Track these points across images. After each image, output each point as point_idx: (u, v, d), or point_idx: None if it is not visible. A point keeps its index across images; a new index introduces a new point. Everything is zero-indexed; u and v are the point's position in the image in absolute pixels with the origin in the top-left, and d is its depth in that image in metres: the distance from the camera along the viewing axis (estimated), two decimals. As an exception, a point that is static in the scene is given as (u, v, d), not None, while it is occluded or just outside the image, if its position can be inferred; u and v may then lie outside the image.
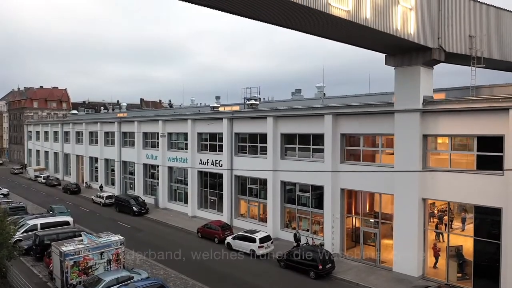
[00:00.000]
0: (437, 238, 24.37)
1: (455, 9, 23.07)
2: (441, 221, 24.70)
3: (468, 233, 22.40)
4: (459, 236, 23.02)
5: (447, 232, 23.51)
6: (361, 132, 26.73)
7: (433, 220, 24.52)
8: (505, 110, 20.02)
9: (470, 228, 22.52)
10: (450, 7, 22.70)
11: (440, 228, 24.62)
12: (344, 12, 16.54)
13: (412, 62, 23.08)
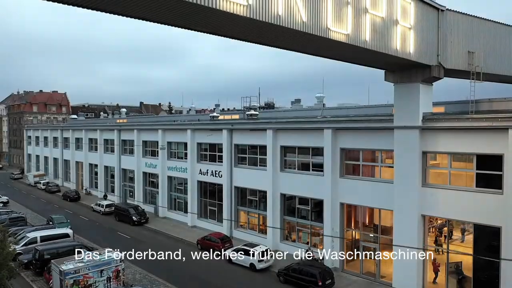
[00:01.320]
0: (436, 250, 24.38)
1: (454, 25, 23.09)
2: (440, 233, 24.73)
3: (468, 250, 22.43)
4: (460, 254, 23.00)
5: (446, 250, 23.48)
6: (360, 147, 26.76)
7: (433, 230, 24.55)
8: (504, 129, 20.05)
9: (469, 243, 22.57)
10: (449, 23, 22.73)
11: (440, 240, 24.63)
12: (344, 35, 16.58)
13: (412, 79, 23.10)
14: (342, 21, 16.43)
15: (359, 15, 17.23)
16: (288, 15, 14.22)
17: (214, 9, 12.24)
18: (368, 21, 17.65)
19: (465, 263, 22.82)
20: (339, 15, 16.29)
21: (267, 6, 13.54)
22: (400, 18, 19.64)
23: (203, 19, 13.50)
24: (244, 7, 12.88)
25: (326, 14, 15.65)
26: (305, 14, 14.75)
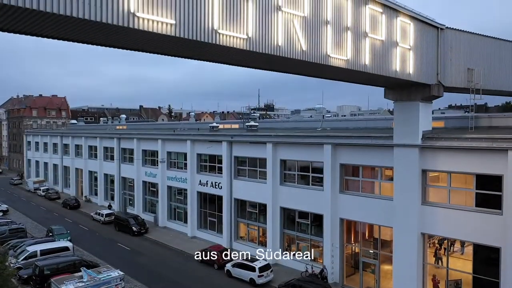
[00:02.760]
0: (436, 263, 24.34)
1: (453, 43, 23.13)
2: (440, 245, 24.69)
3: (467, 269, 22.44)
4: (458, 272, 23.00)
5: (446, 267, 23.49)
6: (360, 163, 26.79)
7: (432, 242, 24.54)
8: (504, 150, 20.08)
9: (469, 255, 22.60)
10: (448, 41, 22.77)
11: (439, 253, 24.59)
12: (343, 61, 16.62)
13: (411, 98, 23.12)
14: (342, 47, 16.48)
15: (359, 39, 17.28)
16: (288, 45, 14.27)
17: (215, 44, 12.30)
18: (367, 45, 17.70)
19: (465, 280, 22.83)
20: (339, 41, 16.34)
21: (267, 37, 13.59)
22: (400, 39, 19.69)
23: (204, 52, 13.55)
24: (244, 40, 12.93)
25: (326, 41, 15.70)
26: (305, 43, 14.80)
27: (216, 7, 12.04)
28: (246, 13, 12.89)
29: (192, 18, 11.51)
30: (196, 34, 11.62)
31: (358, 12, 17.19)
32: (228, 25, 12.41)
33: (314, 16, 15.17)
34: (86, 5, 9.42)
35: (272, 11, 13.71)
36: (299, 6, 14.57)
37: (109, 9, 9.81)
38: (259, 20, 13.29)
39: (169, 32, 11.07)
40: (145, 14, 10.47)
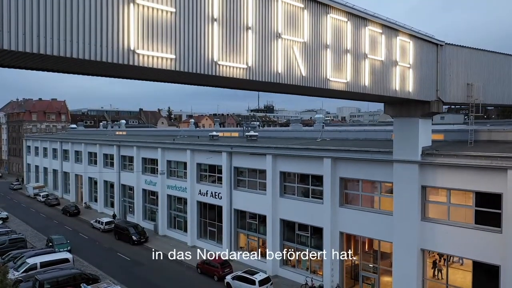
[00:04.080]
0: (434, 274, 24.34)
1: (453, 58, 23.17)
2: (440, 256, 24.61)
3: (466, 286, 22.47)
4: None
5: (446, 284, 23.53)
6: (360, 177, 26.82)
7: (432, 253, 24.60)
8: (503, 169, 20.12)
9: (469, 266, 22.59)
10: (448, 57, 22.82)
11: (439, 265, 24.56)
12: (343, 84, 16.66)
13: (411, 114, 23.15)
14: (341, 70, 16.51)
15: (358, 61, 17.32)
16: (288, 72, 14.30)
17: (215, 76, 12.33)
18: (367, 66, 17.74)
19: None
20: (338, 64, 16.37)
21: (267, 66, 13.62)
22: (399, 58, 19.74)
23: (204, 81, 13.59)
24: (244, 69, 12.96)
25: (325, 65, 15.74)
26: (305, 68, 14.83)
27: (216, 39, 12.07)
28: (246, 42, 12.92)
29: (192, 52, 11.54)
30: (196, 67, 11.66)
31: (358, 34, 17.23)
32: (228, 56, 12.44)
33: (314, 41, 15.20)
34: (87, 46, 9.45)
35: (272, 39, 13.74)
36: (298, 32, 14.60)
37: (109, 48, 9.83)
38: (259, 49, 13.33)
39: (169, 67, 11.10)
40: (145, 50, 10.50)
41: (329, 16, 15.71)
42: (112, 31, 9.83)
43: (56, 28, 8.94)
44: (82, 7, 9.29)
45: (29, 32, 8.60)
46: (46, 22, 8.79)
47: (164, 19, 10.89)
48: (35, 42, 8.68)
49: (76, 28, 9.23)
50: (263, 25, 13.41)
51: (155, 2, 10.62)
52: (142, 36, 10.42)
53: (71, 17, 9.13)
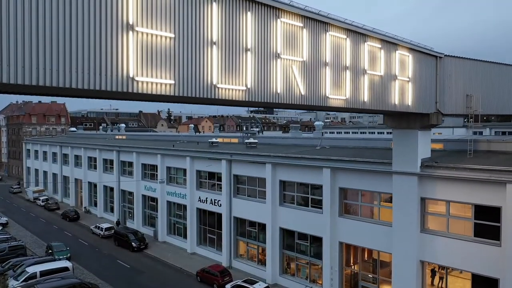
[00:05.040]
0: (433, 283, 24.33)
1: (452, 70, 23.21)
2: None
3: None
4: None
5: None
6: (359, 187, 26.83)
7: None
8: (502, 183, 20.14)
9: (468, 274, 22.41)
10: (447, 69, 22.86)
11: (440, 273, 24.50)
12: (342, 101, 16.69)
13: (410, 126, 23.18)
14: (341, 87, 16.54)
15: (358, 77, 17.36)
16: (287, 91, 14.34)
17: (216, 99, 12.35)
18: (366, 82, 17.78)
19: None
20: (338, 81, 16.40)
21: (266, 86, 13.66)
22: (399, 72, 19.78)
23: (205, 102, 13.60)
24: (243, 91, 12.99)
25: (325, 83, 15.77)
26: (304, 87, 14.86)
27: (215, 62, 12.10)
28: (245, 64, 12.95)
29: (191, 76, 11.57)
30: (195, 91, 11.68)
31: (357, 50, 17.26)
32: (227, 79, 12.47)
33: (313, 60, 15.23)
34: (85, 75, 9.47)
35: (271, 59, 13.77)
36: (298, 52, 14.63)
37: (108, 77, 9.86)
38: (258, 70, 13.36)
39: (168, 92, 11.12)
40: (144, 77, 10.52)
41: (328, 34, 15.74)
42: (111, 59, 9.85)
43: (55, 59, 8.97)
44: (81, 37, 9.31)
45: (28, 64, 8.63)
46: (45, 53, 8.82)
47: (163, 45, 10.91)
48: (34, 74, 8.71)
49: (75, 58, 9.26)
50: (263, 46, 13.44)
51: (154, 28, 10.65)
52: (141, 63, 10.45)
53: (70, 47, 9.15)
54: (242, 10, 12.72)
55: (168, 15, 10.88)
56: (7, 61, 8.32)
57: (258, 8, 13.16)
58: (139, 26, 10.32)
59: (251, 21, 12.99)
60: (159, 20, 10.72)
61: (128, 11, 10.06)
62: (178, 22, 11.15)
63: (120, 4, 9.89)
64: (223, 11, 12.17)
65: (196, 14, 11.54)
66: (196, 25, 11.58)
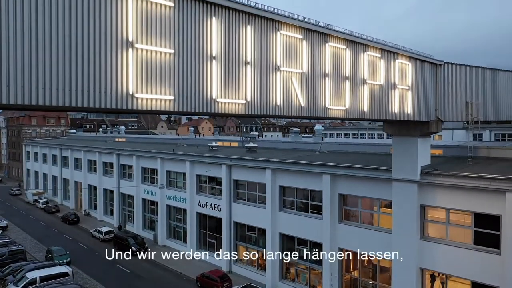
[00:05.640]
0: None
1: (452, 77, 23.25)
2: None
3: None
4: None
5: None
6: (359, 194, 26.83)
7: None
8: (502, 191, 20.14)
9: (468, 282, 22.38)
10: (447, 76, 22.89)
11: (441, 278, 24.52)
12: (342, 111, 16.69)
13: (410, 133, 23.17)
14: (340, 97, 16.55)
15: (357, 87, 17.37)
16: (287, 103, 14.35)
17: (215, 113, 12.35)
18: (366, 91, 17.79)
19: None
20: (337, 92, 16.41)
21: (266, 99, 13.66)
22: (398, 81, 19.80)
23: (206, 115, 13.60)
24: (243, 105, 12.98)
25: (324, 94, 15.78)
26: (303, 99, 14.87)
27: (214, 77, 12.10)
28: (245, 77, 12.95)
29: (191, 91, 11.57)
30: (195, 106, 11.68)
31: (357, 60, 17.27)
32: (226, 93, 12.47)
33: (313, 71, 15.24)
34: (85, 94, 9.49)
35: (270, 72, 13.78)
36: (297, 63, 14.64)
37: (108, 95, 9.86)
38: (258, 83, 13.36)
39: (168, 108, 11.13)
40: (144, 94, 10.53)
41: (327, 45, 15.75)
42: (111, 77, 9.85)
43: (54, 79, 8.97)
44: (81, 56, 9.31)
45: (28, 84, 8.63)
46: (45, 73, 8.82)
47: (163, 61, 10.91)
48: (34, 94, 8.72)
49: (75, 77, 9.26)
50: (262, 58, 13.44)
51: (153, 44, 10.65)
52: (141, 80, 10.45)
53: (69, 66, 9.16)
54: (242, 24, 12.72)
55: (168, 31, 10.89)
56: (6, 82, 8.32)
57: (257, 21, 13.17)
58: (139, 43, 10.32)
59: (251, 35, 12.99)
60: (159, 36, 10.72)
61: (128, 28, 10.06)
62: (178, 38, 11.15)
63: (120, 21, 9.89)
64: (223, 25, 12.18)
65: (196, 29, 11.54)
66: (196, 40, 11.58)
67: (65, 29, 8.99)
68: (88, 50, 9.40)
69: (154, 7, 10.57)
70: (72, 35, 9.10)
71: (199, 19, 11.60)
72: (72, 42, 9.12)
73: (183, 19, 11.20)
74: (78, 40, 9.19)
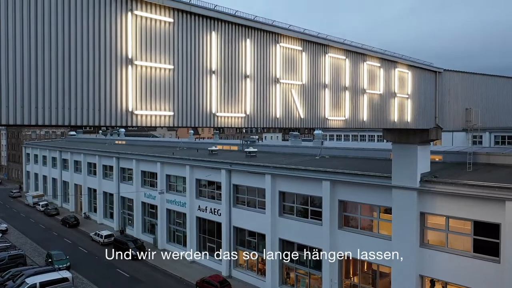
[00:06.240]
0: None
1: (451, 85, 23.28)
2: None
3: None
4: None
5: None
6: (359, 200, 26.84)
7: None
8: (501, 200, 20.15)
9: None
10: (446, 83, 22.92)
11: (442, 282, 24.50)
12: (341, 121, 16.70)
13: (410, 140, 23.18)
14: (340, 108, 16.56)
15: (357, 97, 17.38)
16: (286, 116, 14.36)
17: (215, 127, 12.34)
18: (365, 101, 17.80)
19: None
20: (337, 103, 16.42)
21: (265, 112, 13.67)
22: (398, 89, 19.81)
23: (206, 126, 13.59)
24: (242, 118, 12.99)
25: (324, 105, 15.78)
26: (303, 111, 14.87)
27: (214, 91, 12.10)
28: (244, 91, 12.96)
29: (190, 106, 11.58)
30: (195, 121, 11.69)
31: (356, 70, 17.28)
32: (226, 107, 12.48)
33: (312, 82, 15.25)
34: (84, 112, 9.50)
35: (270, 84, 13.79)
36: (297, 75, 14.65)
37: (107, 112, 9.87)
38: (257, 96, 13.37)
39: (168, 123, 11.13)
40: (143, 111, 10.53)
41: (327, 56, 15.76)
42: (111, 95, 9.86)
43: (54, 98, 8.99)
44: (80, 75, 9.32)
45: (27, 104, 8.64)
46: (45, 93, 8.83)
47: (163, 77, 10.92)
48: (33, 114, 8.73)
49: (75, 96, 9.28)
50: (262, 71, 13.45)
51: (153, 61, 10.66)
52: (140, 97, 10.45)
53: (69, 86, 9.17)
54: (241, 38, 12.73)
55: (167, 47, 10.89)
56: (6, 103, 8.32)
57: (257, 34, 13.17)
58: (138, 60, 10.33)
59: (251, 48, 13.00)
60: (159, 52, 10.73)
61: (128, 46, 10.06)
62: (178, 53, 11.16)
63: (120, 39, 9.90)
64: (222, 40, 12.18)
65: (196, 44, 11.55)
66: (195, 55, 11.59)
67: (65, 49, 9.00)
68: (88, 69, 9.40)
69: (154, 23, 10.58)
70: (72, 55, 9.11)
71: (199, 34, 11.60)
72: (72, 61, 9.12)
73: (182, 34, 11.20)
74: (77, 59, 9.20)
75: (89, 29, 9.34)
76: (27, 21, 8.46)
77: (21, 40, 8.42)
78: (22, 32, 8.41)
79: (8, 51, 8.26)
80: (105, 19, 9.60)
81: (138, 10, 10.20)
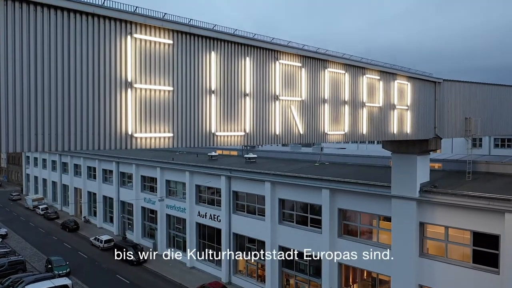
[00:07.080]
0: None
1: (450, 94, 23.31)
2: None
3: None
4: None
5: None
6: (358, 209, 26.86)
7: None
8: (501, 211, 20.17)
9: None
10: (445, 93, 22.95)
11: None
12: (341, 136, 16.72)
13: (409, 151, 23.19)
14: (339, 122, 16.58)
15: (356, 111, 17.40)
16: (285, 132, 14.38)
17: (214, 146, 12.37)
18: (365, 114, 17.81)
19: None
20: (336, 117, 16.44)
21: (264, 130, 13.69)
22: (397, 101, 19.84)
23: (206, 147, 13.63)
24: (241, 137, 13.01)
25: (323, 120, 15.80)
26: (302, 127, 14.90)
27: (213, 111, 12.13)
28: (244, 109, 12.98)
29: (189, 127, 11.60)
30: (194, 141, 11.71)
31: (356, 83, 17.31)
32: (225, 126, 12.50)
33: (312, 98, 15.28)
34: (84, 137, 9.52)
35: (269, 102, 13.81)
36: (296, 91, 14.68)
37: (107, 137, 9.88)
38: (257, 114, 13.39)
39: (167, 145, 11.15)
40: (143, 133, 10.55)
41: (326, 71, 15.78)
42: (110, 119, 9.88)
43: (53, 125, 9.01)
44: (80, 101, 9.35)
45: (27, 132, 8.66)
46: (44, 121, 8.85)
47: (162, 99, 10.94)
48: (33, 142, 8.75)
49: (74, 122, 9.30)
50: (261, 89, 13.48)
51: (152, 83, 10.68)
52: (140, 119, 10.47)
53: (68, 112, 9.19)
54: (241, 56, 12.75)
55: (167, 68, 10.92)
56: (5, 131, 8.34)
57: (256, 52, 13.20)
58: (138, 83, 10.36)
59: (250, 66, 13.02)
60: (158, 75, 10.75)
61: (127, 69, 10.09)
62: (177, 74, 11.18)
63: (119, 63, 9.92)
64: (222, 59, 12.21)
65: (195, 64, 11.58)
66: (195, 75, 11.61)
67: (64, 74, 9.03)
68: (87, 94, 9.43)
69: (153, 45, 10.60)
70: (71, 80, 9.13)
71: (198, 54, 11.63)
72: (71, 87, 9.15)
73: (182, 55, 11.23)
74: (77, 84, 9.23)
75: (89, 54, 9.36)
76: (26, 47, 8.49)
77: (20, 67, 8.44)
78: (22, 58, 8.43)
79: (7, 77, 8.28)
80: (104, 43, 9.62)
81: (138, 33, 10.22)
